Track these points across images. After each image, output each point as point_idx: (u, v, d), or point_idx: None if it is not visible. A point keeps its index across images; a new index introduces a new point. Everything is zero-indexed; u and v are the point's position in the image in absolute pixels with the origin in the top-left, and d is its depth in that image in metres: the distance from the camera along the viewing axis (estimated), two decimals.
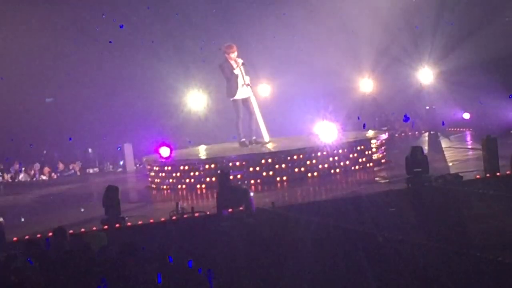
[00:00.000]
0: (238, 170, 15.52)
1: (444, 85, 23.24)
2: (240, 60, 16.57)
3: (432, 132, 22.35)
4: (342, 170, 15.92)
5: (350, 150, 16.20)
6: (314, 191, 14.66)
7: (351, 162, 16.12)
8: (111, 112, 22.66)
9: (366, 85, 24.21)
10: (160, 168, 16.63)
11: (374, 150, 16.69)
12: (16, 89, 22.01)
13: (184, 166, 16.17)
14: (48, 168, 22.67)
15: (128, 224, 12.40)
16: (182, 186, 16.09)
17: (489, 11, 22.81)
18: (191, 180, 16.01)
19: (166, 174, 16.44)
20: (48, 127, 22.79)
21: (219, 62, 16.84)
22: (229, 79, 16.57)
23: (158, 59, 22.17)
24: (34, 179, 22.40)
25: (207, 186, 15.69)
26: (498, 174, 13.42)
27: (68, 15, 22.60)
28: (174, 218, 12.38)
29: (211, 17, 23.16)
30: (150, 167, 17.21)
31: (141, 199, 15.96)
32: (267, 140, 17.09)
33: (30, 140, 22.59)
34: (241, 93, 16.64)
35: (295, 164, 15.71)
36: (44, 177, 22.51)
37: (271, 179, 15.57)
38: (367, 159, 16.46)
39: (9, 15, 22.05)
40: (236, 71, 16.49)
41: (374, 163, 16.54)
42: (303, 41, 23.41)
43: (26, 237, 11.65)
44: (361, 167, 16.24)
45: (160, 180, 16.61)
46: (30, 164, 22.80)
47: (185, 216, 12.41)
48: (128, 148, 22.08)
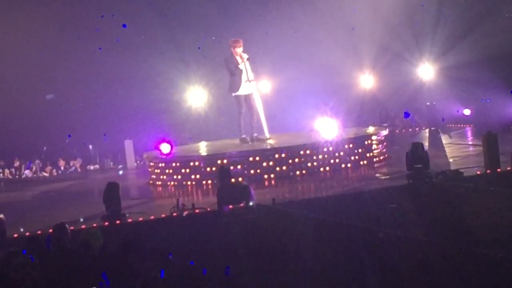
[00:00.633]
0: (239, 167, 15.52)
1: (445, 81, 23.25)
2: (245, 55, 16.43)
3: (432, 128, 22.34)
4: (342, 166, 15.92)
5: (351, 146, 16.20)
6: (314, 187, 14.66)
7: (352, 158, 16.12)
8: (111, 108, 22.67)
9: (367, 81, 24.22)
10: (160, 164, 16.63)
11: (374, 146, 16.69)
12: (16, 85, 22.02)
13: (184, 163, 16.17)
14: (49, 165, 22.69)
15: (129, 220, 12.41)
16: (183, 183, 16.09)
17: (489, 7, 22.79)
18: (191, 177, 16.01)
19: (167, 171, 16.44)
20: (48, 124, 22.79)
21: (224, 56, 16.69)
22: (233, 73, 16.42)
23: (159, 56, 22.17)
24: (35, 175, 22.42)
25: (208, 182, 15.69)
26: (498, 170, 13.41)
27: (69, 12, 22.61)
28: (174, 214, 12.38)
29: (211, 13, 23.17)
30: (151, 164, 17.21)
31: (141, 196, 15.97)
32: (268, 136, 17.08)
33: (30, 137, 22.59)
34: (244, 89, 16.52)
35: (296, 160, 15.71)
36: (45, 173, 22.53)
37: (272, 176, 15.57)
38: (368, 155, 16.46)
39: (9, 11, 22.04)
40: (240, 66, 16.41)
41: (375, 159, 16.54)
42: (304, 37, 23.42)
43: (27, 233, 11.66)
44: (361, 163, 16.24)
45: (161, 177, 16.61)
46: (32, 161, 22.83)
47: (185, 212, 12.41)
48: (129, 145, 22.08)
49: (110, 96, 22.74)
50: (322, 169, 15.76)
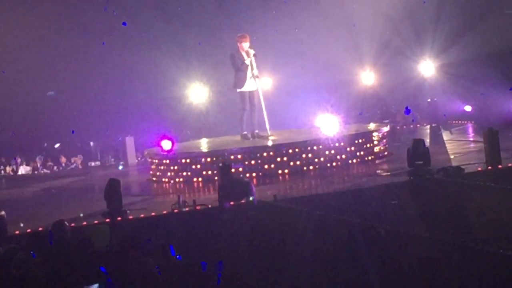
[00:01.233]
0: (240, 163, 15.52)
1: (446, 77, 23.23)
2: (252, 51, 16.35)
3: (433, 125, 22.34)
4: (343, 162, 15.92)
5: (352, 142, 16.19)
6: (316, 184, 14.66)
7: (353, 155, 16.12)
8: (113, 105, 22.68)
9: (368, 77, 24.21)
10: (161, 161, 16.63)
11: (375, 143, 16.68)
12: (17, 82, 22.03)
13: (186, 159, 16.17)
14: (50, 161, 22.71)
15: (130, 217, 12.41)
16: (184, 179, 16.09)
17: (490, 4, 22.78)
18: (193, 173, 16.01)
19: (168, 167, 16.44)
20: (49, 121, 22.80)
21: (231, 51, 16.59)
22: (238, 69, 16.33)
23: (160, 53, 22.17)
24: (36, 172, 22.43)
25: (209, 179, 15.69)
26: (499, 166, 13.42)
27: (70, 8, 22.61)
28: (176, 211, 12.38)
29: (213, 10, 23.16)
30: (152, 160, 17.22)
31: (142, 192, 15.97)
32: (269, 133, 17.07)
33: (32, 133, 22.62)
34: (248, 85, 16.46)
35: (297, 157, 15.71)
36: (46, 170, 22.54)
37: (273, 172, 15.57)
38: (369, 151, 16.46)
39: (10, 8, 22.04)
40: (247, 61, 16.35)
41: (376, 156, 16.53)
42: (305, 34, 23.41)
43: (28, 230, 11.66)
44: (362, 159, 16.24)
45: (162, 173, 16.62)
46: (31, 158, 22.83)
47: (186, 209, 12.42)
48: (130, 141, 22.09)
49: (111, 93, 22.75)
50: (323, 165, 15.75)
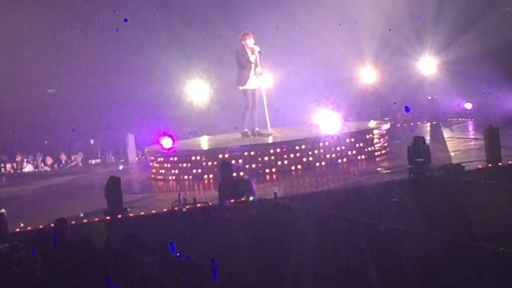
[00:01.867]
0: (240, 161, 15.52)
1: (446, 75, 23.20)
2: (257, 48, 16.31)
3: (434, 122, 22.33)
4: (344, 160, 15.91)
5: (352, 140, 16.19)
6: (316, 182, 14.66)
7: (353, 152, 16.11)
8: (113, 103, 22.65)
9: (368, 75, 24.18)
10: (162, 159, 16.63)
11: (376, 141, 16.68)
12: (18, 80, 22.01)
13: (186, 157, 16.16)
14: (50, 159, 22.69)
15: (130, 215, 12.41)
16: (184, 177, 16.08)
17: (491, 1, 22.75)
18: (193, 171, 16.01)
19: (168, 165, 16.44)
20: (50, 118, 22.79)
21: (236, 49, 16.55)
22: (243, 67, 16.31)
23: (160, 50, 22.15)
24: (37, 170, 22.42)
25: (209, 176, 15.69)
26: (500, 164, 13.41)
27: (70, 5, 22.57)
28: (176, 209, 12.38)
29: (213, 7, 23.13)
30: (152, 158, 17.21)
31: (143, 190, 15.97)
32: (270, 131, 17.06)
33: (32, 131, 22.60)
34: (251, 83, 16.44)
35: (297, 154, 15.70)
36: (46, 168, 22.53)
37: (273, 170, 15.57)
38: (369, 149, 16.45)
39: (10, 5, 22.03)
40: (251, 58, 16.32)
41: (376, 154, 16.53)
42: (305, 31, 23.37)
43: (28, 228, 11.66)
44: (363, 157, 16.22)
45: (162, 171, 16.61)
46: (33, 155, 22.82)
47: (187, 207, 12.42)
48: (130, 139, 22.08)
49: (111, 91, 22.71)
50: (324, 163, 15.74)
